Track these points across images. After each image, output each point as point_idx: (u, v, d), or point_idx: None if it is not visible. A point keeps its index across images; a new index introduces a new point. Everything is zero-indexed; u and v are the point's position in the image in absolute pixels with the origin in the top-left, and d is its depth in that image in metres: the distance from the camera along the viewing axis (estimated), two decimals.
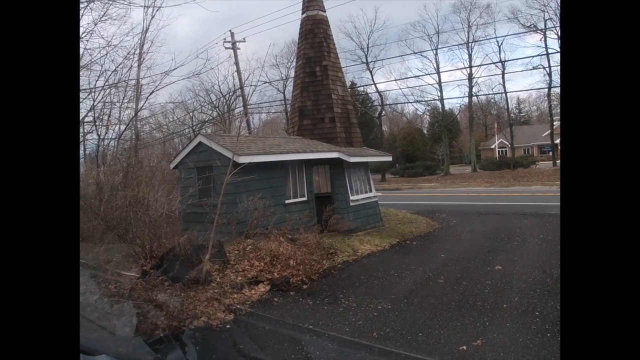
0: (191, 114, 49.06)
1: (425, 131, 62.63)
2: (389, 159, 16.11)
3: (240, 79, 30.82)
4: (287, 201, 11.77)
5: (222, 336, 5.72)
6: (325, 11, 14.83)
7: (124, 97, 22.45)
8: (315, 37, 14.44)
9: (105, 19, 21.59)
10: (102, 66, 20.74)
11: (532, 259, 8.90)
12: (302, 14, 14.80)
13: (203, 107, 49.23)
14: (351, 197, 13.26)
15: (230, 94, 42.67)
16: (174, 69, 35.71)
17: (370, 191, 14.31)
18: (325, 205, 13.78)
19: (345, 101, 14.60)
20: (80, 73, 19.32)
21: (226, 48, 30.26)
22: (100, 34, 29.38)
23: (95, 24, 19.43)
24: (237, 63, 30.40)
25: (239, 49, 30.31)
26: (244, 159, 10.49)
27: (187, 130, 48.00)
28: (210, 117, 48.74)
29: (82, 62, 18.95)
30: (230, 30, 30.03)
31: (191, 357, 2.98)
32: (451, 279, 7.83)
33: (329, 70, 14.18)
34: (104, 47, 21.08)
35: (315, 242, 9.87)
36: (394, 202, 22.81)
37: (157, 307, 6.22)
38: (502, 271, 8.10)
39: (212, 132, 49.38)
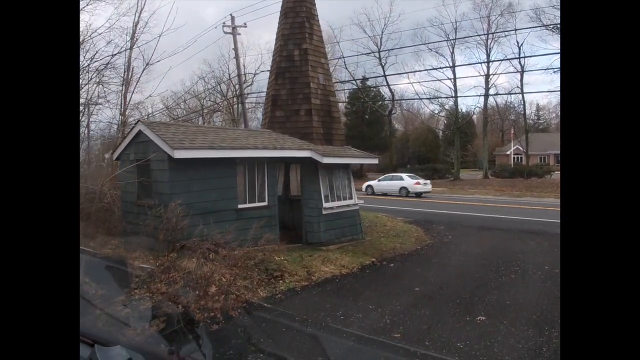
0: (202, 101, 47.47)
1: (440, 133, 60.21)
2: (375, 161, 14.02)
3: (238, 66, 28.81)
4: (240, 206, 9.75)
5: None
6: None
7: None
8: (296, 16, 12.39)
9: None
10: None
11: (530, 306, 6.78)
12: None
13: (211, 95, 47.56)
14: (324, 204, 11.24)
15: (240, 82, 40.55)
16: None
17: (351, 198, 12.28)
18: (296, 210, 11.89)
19: (327, 92, 12.52)
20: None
21: (225, 33, 28.28)
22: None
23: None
24: (236, 49, 28.42)
25: (239, 34, 28.32)
26: (180, 154, 8.55)
27: (197, 119, 46.54)
28: (215, 104, 47.01)
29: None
30: (230, 14, 28.01)
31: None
32: (412, 332, 5.75)
33: (309, 54, 12.12)
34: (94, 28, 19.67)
35: (257, 261, 7.87)
36: (392, 207, 20.87)
37: None
38: (485, 325, 5.99)
39: (222, 121, 47.89)
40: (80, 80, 18.80)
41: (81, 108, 20.58)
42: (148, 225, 8.75)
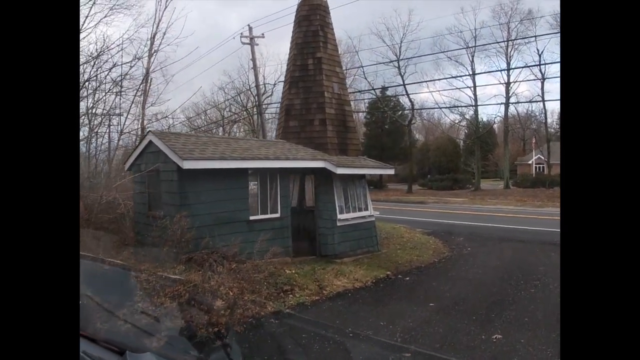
0: (222, 112, 47.72)
1: (461, 143, 59.54)
2: (391, 171, 13.75)
3: (256, 76, 28.84)
4: (252, 217, 9.58)
5: None
6: None
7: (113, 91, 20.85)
8: (310, 24, 12.26)
9: (118, 9, 20.20)
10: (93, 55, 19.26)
11: (549, 323, 6.44)
12: None
13: (231, 106, 47.75)
14: (339, 215, 11.02)
15: (261, 93, 40.52)
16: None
17: (366, 209, 12.02)
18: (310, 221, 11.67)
19: (342, 101, 12.33)
20: (91, 64, 18.22)
21: (243, 43, 28.38)
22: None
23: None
24: (253, 59, 28.42)
25: (257, 44, 28.36)
26: (189, 164, 8.42)
27: (217, 129, 46.81)
28: (235, 115, 47.20)
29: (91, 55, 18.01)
30: (248, 25, 28.12)
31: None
32: (424, 351, 5.49)
33: (323, 63, 11.97)
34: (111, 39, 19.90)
35: (266, 274, 7.68)
36: (411, 218, 20.50)
37: None
38: (501, 344, 5.70)
39: (243, 132, 48.11)
40: (99, 91, 19.01)
41: (100, 119, 20.78)
42: (157, 237, 8.64)
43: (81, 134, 19.51)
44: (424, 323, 6.55)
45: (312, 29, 12.20)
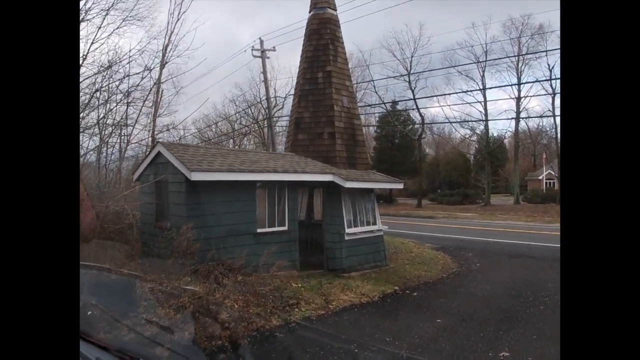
0: (233, 124, 47.97)
1: (471, 157, 59.29)
2: (400, 186, 13.69)
3: (267, 89, 28.94)
4: (259, 230, 9.56)
5: None
6: (335, 9, 12.72)
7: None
8: (320, 38, 12.32)
9: (131, 21, 20.51)
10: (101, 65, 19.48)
11: (557, 342, 6.35)
12: (310, 12, 12.73)
13: (242, 118, 47.95)
14: (347, 230, 10.97)
15: (272, 106, 40.60)
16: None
17: (374, 224, 11.97)
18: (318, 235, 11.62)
19: (352, 115, 12.33)
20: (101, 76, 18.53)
21: (255, 56, 28.53)
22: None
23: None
24: (264, 72, 28.55)
25: (268, 57, 28.52)
26: (197, 176, 8.43)
27: (228, 141, 47.03)
28: (245, 127, 47.38)
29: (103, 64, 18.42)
30: (259, 38, 28.31)
31: None
32: None
33: (333, 77, 12.00)
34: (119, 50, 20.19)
35: (272, 287, 7.64)
36: (420, 233, 20.40)
37: None
38: None
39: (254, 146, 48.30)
40: (110, 102, 19.24)
41: (111, 129, 21.00)
42: (164, 248, 8.65)
43: (92, 143, 19.73)
44: (430, 340, 6.46)
45: (322, 43, 12.25)
